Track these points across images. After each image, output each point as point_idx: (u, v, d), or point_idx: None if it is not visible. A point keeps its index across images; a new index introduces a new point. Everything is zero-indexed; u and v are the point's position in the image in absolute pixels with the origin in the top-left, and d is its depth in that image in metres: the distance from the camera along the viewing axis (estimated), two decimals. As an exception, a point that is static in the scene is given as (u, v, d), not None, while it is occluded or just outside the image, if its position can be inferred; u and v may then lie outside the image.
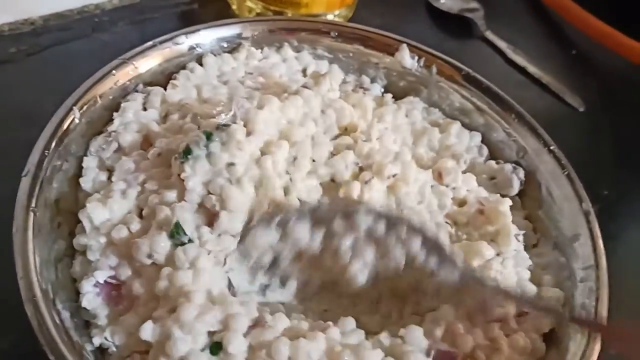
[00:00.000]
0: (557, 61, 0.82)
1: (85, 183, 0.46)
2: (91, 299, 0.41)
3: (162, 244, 0.40)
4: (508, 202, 0.48)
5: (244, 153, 0.43)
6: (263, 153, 0.45)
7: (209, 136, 0.43)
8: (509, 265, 0.46)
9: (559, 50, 0.84)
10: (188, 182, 0.42)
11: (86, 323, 0.41)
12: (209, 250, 0.41)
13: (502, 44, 0.80)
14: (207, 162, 0.43)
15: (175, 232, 0.40)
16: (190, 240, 0.41)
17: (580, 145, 0.72)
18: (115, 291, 0.41)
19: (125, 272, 0.41)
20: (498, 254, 0.46)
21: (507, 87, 0.59)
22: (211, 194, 0.42)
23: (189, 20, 0.75)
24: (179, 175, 0.42)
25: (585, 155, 0.70)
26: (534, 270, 0.47)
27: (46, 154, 0.44)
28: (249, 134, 0.44)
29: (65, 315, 0.39)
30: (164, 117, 0.49)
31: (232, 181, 0.43)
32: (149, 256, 0.40)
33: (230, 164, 0.43)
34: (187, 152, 0.42)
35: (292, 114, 0.47)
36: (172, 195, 0.42)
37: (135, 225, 0.42)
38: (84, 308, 0.41)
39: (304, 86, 0.50)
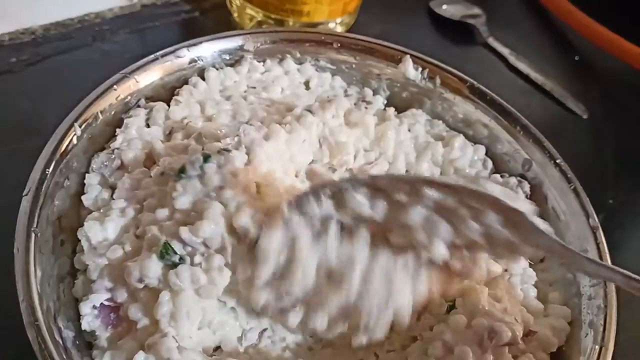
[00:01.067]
0: (560, 67, 0.82)
1: (88, 200, 0.45)
2: (91, 320, 0.40)
3: (153, 267, 0.39)
4: None
5: (237, 181, 0.42)
6: (259, 187, 0.43)
7: (206, 158, 0.42)
8: (516, 282, 0.45)
9: (561, 57, 0.84)
10: (177, 201, 0.41)
11: (89, 344, 0.41)
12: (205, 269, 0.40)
13: (504, 50, 0.80)
14: (199, 183, 0.42)
15: (165, 253, 0.39)
16: (181, 259, 0.40)
17: (583, 153, 0.72)
18: (113, 313, 0.40)
19: (122, 295, 0.40)
20: (505, 270, 0.46)
21: (510, 94, 0.58)
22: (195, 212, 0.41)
23: (190, 28, 0.75)
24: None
25: (589, 163, 0.70)
26: (540, 287, 0.46)
27: (47, 172, 0.43)
28: (249, 162, 0.43)
29: (68, 335, 0.39)
30: (168, 135, 0.49)
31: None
32: (140, 280, 0.39)
33: (220, 187, 0.42)
34: (182, 171, 0.42)
35: (295, 148, 0.47)
36: (163, 213, 0.42)
37: (129, 246, 0.41)
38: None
39: (308, 110, 0.50)
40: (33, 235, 0.40)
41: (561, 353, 0.42)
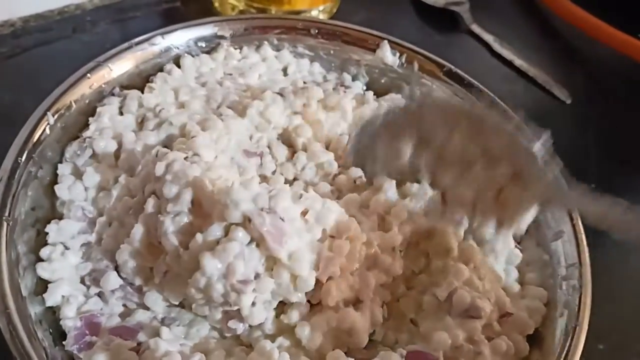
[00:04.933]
0: (544, 53, 0.82)
1: (61, 191, 0.45)
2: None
3: None
4: None
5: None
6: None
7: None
8: (502, 261, 0.46)
9: (545, 43, 0.84)
10: None
11: (62, 333, 0.41)
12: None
13: (488, 37, 0.80)
14: None
15: None
16: None
17: (567, 138, 0.72)
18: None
19: None
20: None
21: (494, 81, 0.58)
22: None
23: (172, 18, 0.74)
24: None
25: (572, 148, 0.70)
26: (519, 268, 0.47)
27: (19, 160, 0.43)
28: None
29: (40, 326, 0.39)
30: (140, 123, 0.48)
31: None
32: None
33: None
34: None
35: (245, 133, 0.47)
36: None
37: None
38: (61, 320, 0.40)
39: (280, 93, 0.50)
40: (5, 223, 0.40)
41: (536, 332, 0.42)
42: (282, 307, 0.41)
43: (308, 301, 0.41)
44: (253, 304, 0.39)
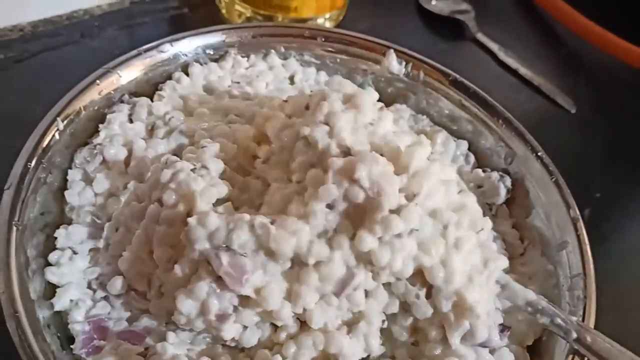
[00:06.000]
0: (549, 62, 0.82)
1: (71, 196, 0.45)
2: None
3: None
4: None
5: None
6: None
7: None
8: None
9: (550, 51, 0.84)
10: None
11: (70, 337, 0.41)
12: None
13: (493, 46, 0.80)
14: None
15: None
16: None
17: (572, 147, 0.72)
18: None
19: None
20: None
21: (499, 89, 0.58)
22: None
23: (179, 24, 0.75)
24: None
25: (577, 157, 0.70)
26: (519, 281, 0.46)
27: (29, 166, 0.43)
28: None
29: (48, 330, 0.39)
30: (150, 131, 0.49)
31: None
32: None
33: None
34: None
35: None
36: None
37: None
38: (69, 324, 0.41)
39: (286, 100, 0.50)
40: (14, 228, 0.41)
41: (540, 343, 0.43)
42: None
43: (298, 318, 0.40)
44: (244, 327, 0.39)
